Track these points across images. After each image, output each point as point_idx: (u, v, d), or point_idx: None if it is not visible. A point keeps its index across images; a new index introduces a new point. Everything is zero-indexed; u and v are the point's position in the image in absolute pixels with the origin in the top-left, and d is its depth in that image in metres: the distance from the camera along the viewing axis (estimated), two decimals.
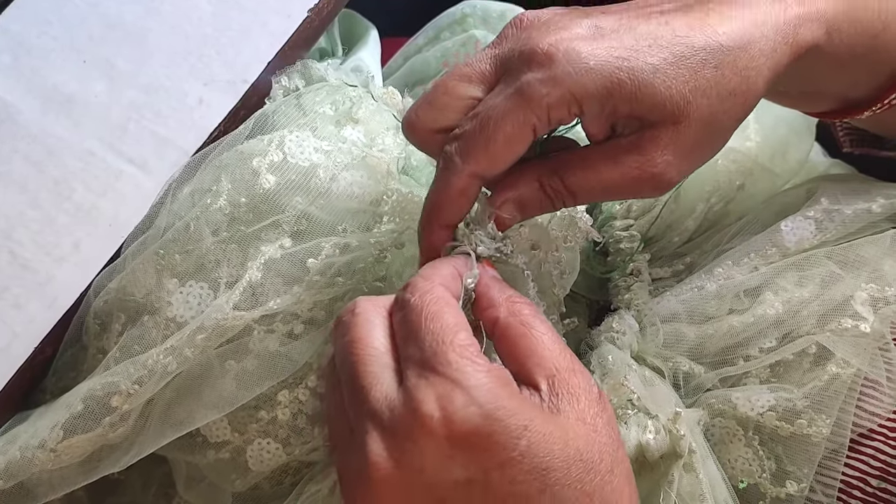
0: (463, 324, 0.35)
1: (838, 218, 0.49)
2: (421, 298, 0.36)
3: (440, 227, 0.41)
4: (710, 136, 0.40)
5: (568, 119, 0.39)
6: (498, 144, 0.38)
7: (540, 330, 0.37)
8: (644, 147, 0.39)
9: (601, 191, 0.40)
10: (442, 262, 0.39)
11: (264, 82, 0.53)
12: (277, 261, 0.45)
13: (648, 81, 0.38)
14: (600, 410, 0.36)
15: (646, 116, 0.38)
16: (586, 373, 0.37)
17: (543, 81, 0.38)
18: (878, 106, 0.46)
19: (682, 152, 0.39)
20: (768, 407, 0.44)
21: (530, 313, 0.37)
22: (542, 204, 0.41)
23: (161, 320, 0.45)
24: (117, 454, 0.46)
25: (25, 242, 0.49)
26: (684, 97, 0.38)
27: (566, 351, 0.37)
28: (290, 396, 0.47)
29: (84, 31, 0.54)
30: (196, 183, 0.48)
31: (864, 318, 0.44)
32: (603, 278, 0.54)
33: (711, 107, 0.38)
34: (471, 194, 0.40)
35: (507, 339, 0.37)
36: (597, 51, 0.38)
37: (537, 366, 0.36)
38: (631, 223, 0.54)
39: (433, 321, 0.35)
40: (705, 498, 0.41)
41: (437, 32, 0.65)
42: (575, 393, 0.35)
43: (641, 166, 0.39)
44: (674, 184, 0.40)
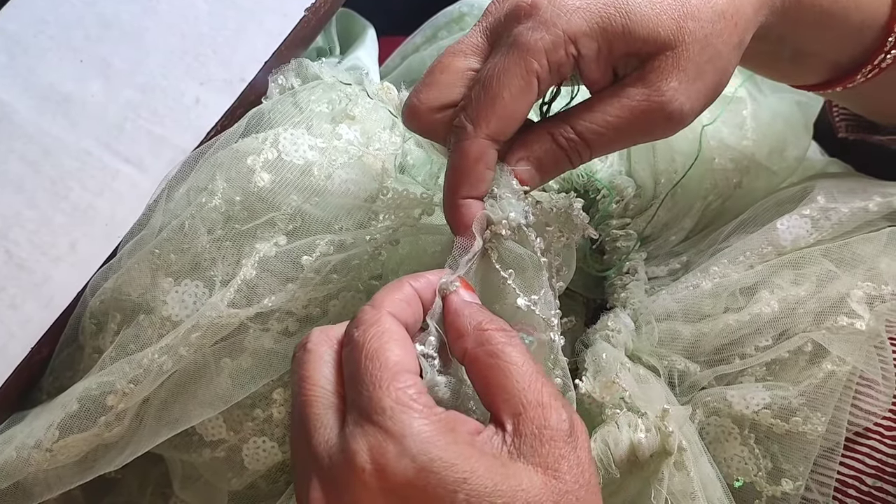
0: (405, 363, 0.34)
1: (834, 216, 0.49)
2: (364, 333, 0.34)
3: (464, 202, 0.39)
4: (709, 60, 0.40)
5: (566, 63, 0.38)
6: (505, 101, 0.38)
7: (508, 360, 0.34)
8: (647, 78, 0.39)
9: (613, 132, 0.39)
10: (397, 284, 0.37)
11: (261, 81, 0.53)
12: (272, 259, 0.45)
13: (637, 11, 0.38)
14: (568, 451, 0.33)
15: (642, 50, 0.39)
16: (557, 406, 0.34)
17: (534, 28, 0.38)
18: (869, 68, 0.47)
19: (685, 77, 0.39)
20: (763, 405, 0.44)
21: (502, 341, 0.35)
22: (558, 158, 0.40)
23: (156, 319, 0.45)
24: (113, 453, 0.46)
25: (22, 242, 0.49)
26: (675, 21, 0.38)
27: (536, 382, 0.34)
28: (285, 395, 0.47)
29: (80, 31, 0.54)
30: (191, 181, 0.48)
31: (860, 316, 0.44)
32: (599, 276, 0.54)
33: (704, 29, 0.39)
34: (489, 160, 0.39)
35: (475, 373, 0.35)
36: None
37: (504, 402, 0.34)
38: (628, 222, 0.54)
39: (372, 361, 0.33)
40: (696, 496, 0.41)
41: (434, 31, 0.65)
42: (538, 434, 0.33)
43: (649, 97, 0.39)
44: (686, 114, 0.40)
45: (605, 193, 0.53)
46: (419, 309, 0.37)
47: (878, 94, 0.50)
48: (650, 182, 0.54)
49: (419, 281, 0.37)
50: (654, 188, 0.54)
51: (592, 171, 0.54)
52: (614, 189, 0.53)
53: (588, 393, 0.44)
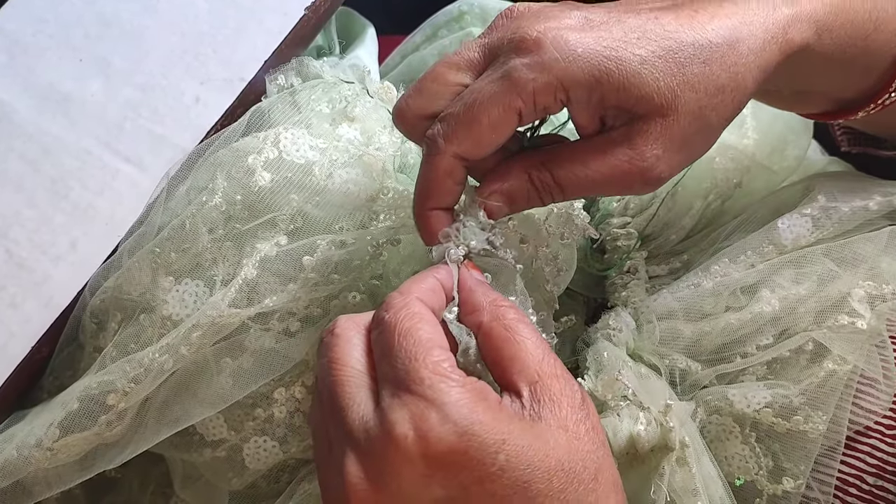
0: (437, 339, 0.35)
1: (835, 215, 0.49)
2: (395, 315, 0.35)
3: (432, 212, 0.40)
4: (699, 132, 0.40)
5: (554, 106, 0.39)
6: (482, 127, 0.38)
7: (523, 334, 0.36)
8: (633, 140, 0.39)
9: (590, 185, 0.40)
10: (423, 275, 0.39)
11: (261, 80, 0.53)
12: (273, 258, 0.45)
13: (636, 71, 0.38)
14: (583, 417, 0.35)
15: (634, 108, 0.38)
16: (570, 378, 0.36)
17: (531, 66, 0.38)
18: (872, 107, 0.46)
19: (671, 146, 0.39)
20: (765, 404, 0.44)
21: (514, 317, 0.37)
22: (531, 197, 0.41)
23: (157, 318, 0.45)
24: (113, 452, 0.46)
25: (22, 241, 0.49)
26: (672, 90, 0.38)
27: (549, 356, 0.36)
28: (286, 394, 0.47)
29: (80, 30, 0.54)
30: (192, 180, 0.48)
31: (861, 315, 0.44)
32: (600, 276, 0.54)
33: (700, 101, 0.39)
34: (457, 176, 0.40)
35: (489, 344, 0.37)
36: (585, 39, 0.38)
37: (519, 372, 0.36)
38: (628, 221, 0.54)
39: (406, 338, 0.34)
40: (698, 492, 0.41)
41: (434, 30, 0.65)
42: (557, 399, 0.35)
43: (631, 160, 0.39)
44: (663, 180, 0.40)
45: None
46: (443, 298, 0.38)
47: (881, 122, 0.50)
48: None
49: (441, 272, 0.39)
50: None
51: None
52: None
53: (590, 391, 0.44)
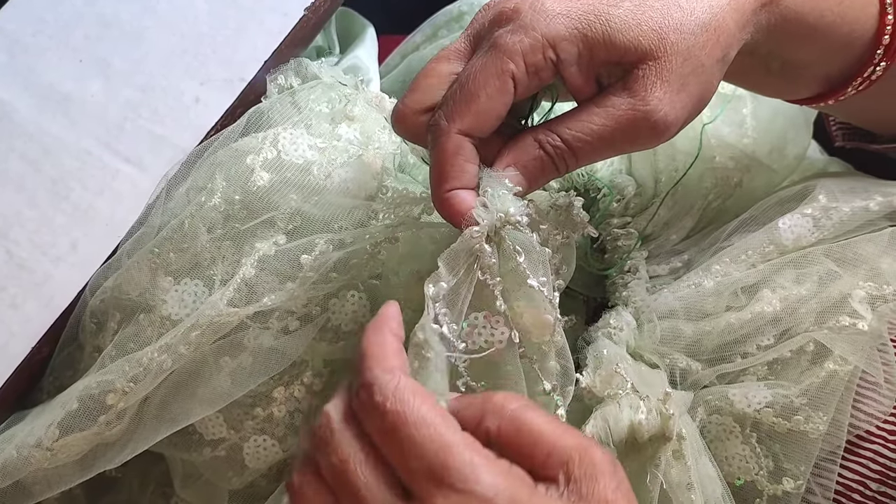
0: (451, 420, 0.34)
1: (836, 216, 0.49)
2: (397, 401, 0.33)
3: (452, 192, 0.40)
4: (693, 73, 0.40)
5: (545, 67, 0.39)
6: (480, 99, 0.39)
7: (536, 421, 0.35)
8: (631, 87, 0.39)
9: (598, 141, 0.40)
10: (382, 336, 0.36)
11: (261, 81, 0.53)
12: (271, 258, 0.45)
13: (618, 19, 0.39)
14: (618, 483, 0.34)
15: (624, 59, 0.39)
16: (593, 442, 0.35)
17: (513, 31, 0.39)
18: (860, 81, 0.47)
19: (670, 87, 0.39)
20: (765, 403, 0.44)
21: (517, 407, 0.35)
22: (545, 166, 0.40)
23: (156, 318, 0.45)
24: (113, 452, 0.46)
25: (22, 242, 0.49)
26: (656, 32, 0.39)
27: (569, 430, 0.35)
28: (285, 393, 0.47)
29: (80, 30, 0.54)
30: (191, 181, 0.48)
31: (862, 317, 0.44)
32: (600, 275, 0.54)
33: (686, 41, 0.39)
34: (466, 153, 0.40)
35: (509, 444, 0.35)
36: (564, 2, 0.39)
37: (548, 456, 0.34)
38: (629, 220, 0.54)
39: (424, 427, 0.33)
40: (693, 486, 0.41)
41: (434, 30, 0.65)
42: (592, 473, 0.33)
43: (633, 106, 0.39)
44: (670, 125, 0.40)
45: (605, 192, 0.53)
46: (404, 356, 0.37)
47: (870, 106, 0.50)
48: (650, 181, 0.54)
49: (392, 323, 0.37)
50: (655, 187, 0.54)
51: (593, 170, 0.54)
52: (615, 188, 0.53)
53: (588, 387, 0.44)
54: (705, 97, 0.42)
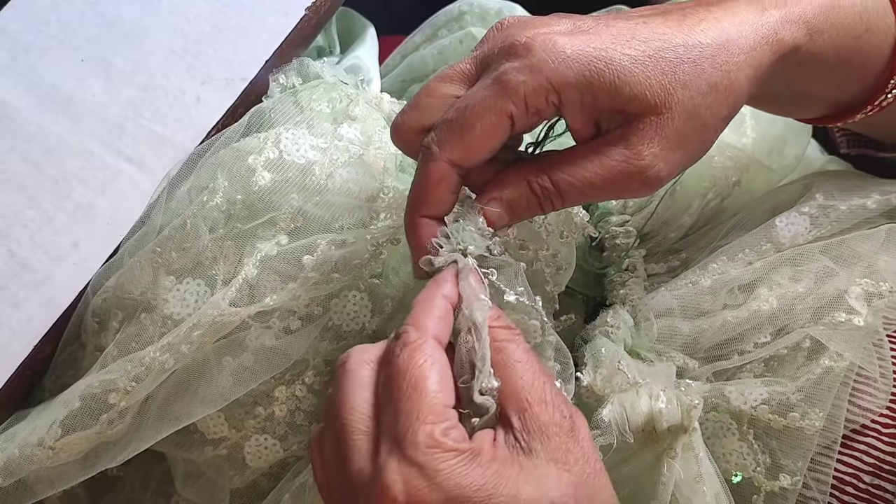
0: (443, 396, 0.35)
1: (833, 214, 0.49)
2: (408, 358, 0.36)
3: (424, 220, 0.40)
4: (694, 131, 0.39)
5: (546, 110, 0.39)
6: (475, 132, 0.38)
7: (513, 357, 0.37)
8: (629, 140, 0.39)
9: (589, 188, 0.39)
10: (432, 298, 0.38)
11: (262, 80, 0.53)
12: (273, 258, 0.45)
13: (627, 70, 0.38)
14: (572, 444, 0.36)
15: (627, 108, 0.38)
16: (558, 402, 0.37)
17: (520, 69, 0.38)
18: (870, 108, 0.47)
19: (668, 144, 0.39)
20: (761, 400, 0.44)
21: (506, 338, 0.37)
22: (530, 204, 0.40)
23: (158, 318, 0.46)
24: (115, 451, 0.46)
25: (24, 241, 0.49)
26: (664, 88, 0.38)
27: (539, 379, 0.37)
28: (286, 393, 0.47)
29: (82, 30, 0.54)
30: (193, 180, 0.48)
31: (858, 313, 0.45)
32: (599, 274, 0.55)
33: (693, 99, 0.39)
34: (450, 183, 0.40)
35: None
36: (575, 42, 0.38)
37: (508, 398, 0.36)
38: (627, 219, 0.54)
39: (413, 390, 0.35)
40: (702, 478, 0.41)
41: (434, 30, 0.65)
42: (545, 429, 0.35)
43: (628, 159, 0.39)
44: (662, 180, 0.40)
45: None
46: (451, 322, 0.38)
47: (878, 124, 0.50)
48: None
49: (447, 288, 0.39)
50: None
51: None
52: None
53: (589, 386, 0.44)
54: (703, 152, 0.41)
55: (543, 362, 0.41)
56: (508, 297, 0.40)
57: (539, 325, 0.41)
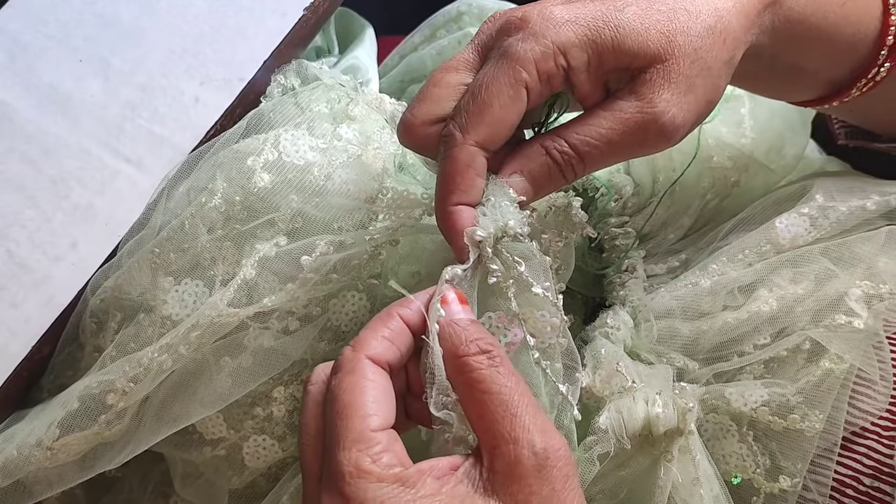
0: (378, 416, 0.34)
1: (833, 215, 0.49)
2: (339, 384, 0.35)
3: (456, 209, 0.39)
4: (700, 74, 0.40)
5: (556, 74, 0.39)
6: (494, 109, 0.39)
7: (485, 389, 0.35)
8: (639, 91, 0.39)
9: (607, 145, 0.40)
10: (384, 317, 0.37)
11: (260, 80, 0.53)
12: (272, 259, 0.45)
13: (626, 24, 0.39)
14: (539, 486, 0.34)
15: (632, 63, 0.39)
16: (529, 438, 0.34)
17: (524, 39, 0.39)
18: (864, 82, 0.47)
19: (677, 89, 0.39)
20: (761, 402, 0.44)
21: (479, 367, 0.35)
22: (553, 173, 0.40)
23: (156, 318, 0.46)
24: (113, 452, 0.46)
25: (22, 241, 0.49)
26: (664, 35, 0.39)
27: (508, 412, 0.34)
28: (285, 393, 0.47)
29: (80, 31, 0.54)
30: (191, 181, 0.48)
31: (858, 315, 0.45)
32: (598, 275, 0.55)
33: (693, 43, 0.40)
34: (478, 167, 0.39)
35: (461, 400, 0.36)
36: (570, 9, 0.40)
37: (483, 433, 0.35)
38: (626, 220, 0.54)
39: (340, 417, 0.34)
40: (699, 481, 0.41)
41: (432, 30, 0.65)
42: (510, 471, 0.34)
43: (641, 109, 0.39)
44: (679, 127, 0.40)
45: (603, 192, 0.53)
46: (406, 340, 0.37)
47: (874, 107, 0.50)
48: (648, 180, 0.54)
49: (407, 307, 0.38)
50: (653, 186, 0.54)
51: None
52: (613, 187, 0.53)
53: (588, 387, 0.44)
54: (713, 99, 0.42)
55: (549, 366, 0.41)
56: (535, 289, 0.39)
57: (559, 323, 0.40)
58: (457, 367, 0.36)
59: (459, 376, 0.36)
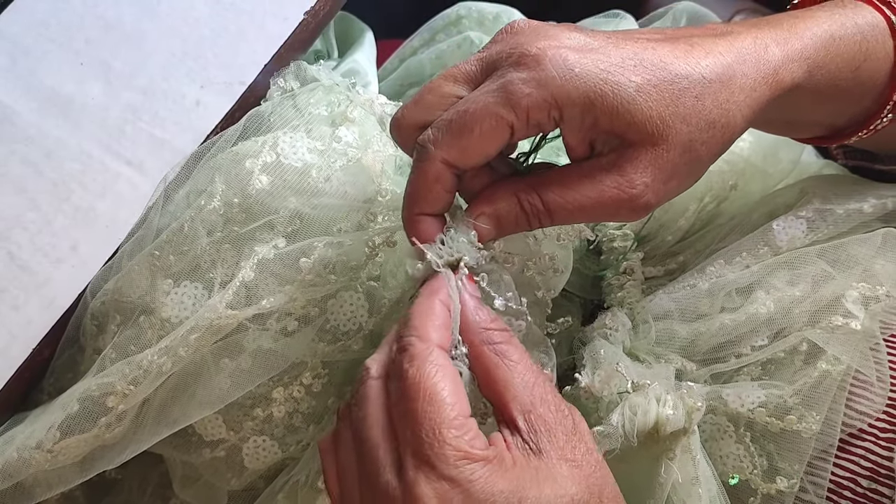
0: (460, 405, 0.35)
1: (830, 218, 0.49)
2: (418, 371, 0.36)
3: (420, 217, 0.40)
4: (687, 165, 0.40)
5: (547, 124, 0.39)
6: (472, 136, 0.38)
7: (513, 359, 0.37)
8: (623, 167, 0.39)
9: (578, 210, 0.40)
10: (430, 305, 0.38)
11: (261, 84, 0.53)
12: (271, 261, 0.45)
13: (631, 97, 0.38)
14: (577, 440, 0.37)
15: (625, 134, 0.39)
16: (559, 401, 0.37)
17: (527, 81, 0.38)
18: (864, 132, 0.47)
19: (660, 176, 0.39)
20: (759, 403, 0.44)
21: (503, 340, 0.38)
22: (518, 220, 0.41)
23: (156, 320, 0.46)
24: (112, 453, 0.46)
25: (23, 244, 0.49)
26: (664, 120, 0.38)
27: (539, 379, 0.37)
28: (284, 394, 0.47)
29: (81, 34, 0.54)
30: (190, 184, 0.48)
31: (855, 316, 0.45)
32: (596, 277, 0.55)
33: (691, 134, 0.39)
34: (445, 183, 0.40)
35: (481, 369, 0.38)
36: (584, 60, 0.38)
37: (513, 399, 0.37)
38: (624, 223, 0.54)
39: (430, 403, 0.35)
40: (698, 480, 0.41)
41: (432, 34, 0.65)
42: (551, 428, 0.36)
43: (620, 186, 0.39)
44: (650, 208, 0.40)
45: None
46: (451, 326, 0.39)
47: (874, 141, 0.50)
48: None
49: (443, 295, 0.39)
50: None
51: None
52: None
53: (587, 387, 0.45)
54: (691, 184, 0.42)
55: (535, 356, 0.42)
56: (497, 302, 0.41)
57: (524, 325, 0.42)
58: (484, 337, 0.38)
59: (486, 345, 0.38)
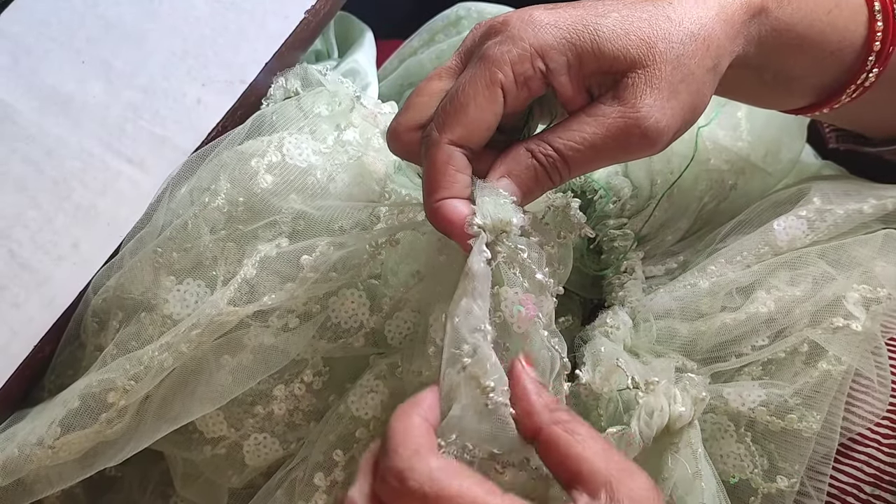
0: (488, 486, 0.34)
1: (830, 218, 0.49)
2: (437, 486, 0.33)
3: (443, 203, 0.39)
4: (682, 80, 0.40)
5: (534, 78, 0.39)
6: (469, 109, 0.39)
7: (583, 435, 0.36)
8: (622, 96, 0.39)
9: (591, 149, 0.40)
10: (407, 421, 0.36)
11: (262, 83, 0.53)
12: (273, 259, 0.45)
13: (609, 28, 0.39)
14: (654, 494, 0.35)
15: (613, 68, 0.39)
16: (637, 468, 0.36)
17: (502, 42, 0.39)
18: (852, 88, 0.47)
19: (660, 94, 0.39)
20: (759, 402, 0.44)
21: (570, 419, 0.37)
22: (539, 175, 0.40)
23: (158, 317, 0.46)
24: (113, 450, 0.46)
25: (24, 242, 0.49)
26: (644, 41, 0.39)
27: (611, 450, 0.36)
28: (285, 391, 0.47)
29: (82, 33, 0.54)
30: (195, 181, 0.49)
31: (856, 318, 0.45)
32: (597, 276, 0.55)
33: (674, 49, 0.40)
34: (457, 163, 0.40)
35: (554, 450, 0.36)
36: (552, 14, 0.40)
37: (592, 473, 0.35)
38: (625, 222, 0.54)
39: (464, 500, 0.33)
40: (700, 475, 0.41)
41: (431, 35, 0.65)
42: (633, 496, 0.34)
43: (624, 113, 0.39)
44: (662, 132, 0.40)
45: (601, 194, 0.54)
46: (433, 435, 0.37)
47: (864, 114, 0.51)
48: (646, 182, 0.54)
49: (423, 406, 0.37)
50: (651, 188, 0.54)
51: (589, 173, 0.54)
52: (611, 189, 0.53)
53: (587, 384, 0.45)
54: (698, 106, 0.42)
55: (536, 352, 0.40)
56: (538, 276, 0.40)
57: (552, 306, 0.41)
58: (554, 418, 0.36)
59: (556, 425, 0.36)
